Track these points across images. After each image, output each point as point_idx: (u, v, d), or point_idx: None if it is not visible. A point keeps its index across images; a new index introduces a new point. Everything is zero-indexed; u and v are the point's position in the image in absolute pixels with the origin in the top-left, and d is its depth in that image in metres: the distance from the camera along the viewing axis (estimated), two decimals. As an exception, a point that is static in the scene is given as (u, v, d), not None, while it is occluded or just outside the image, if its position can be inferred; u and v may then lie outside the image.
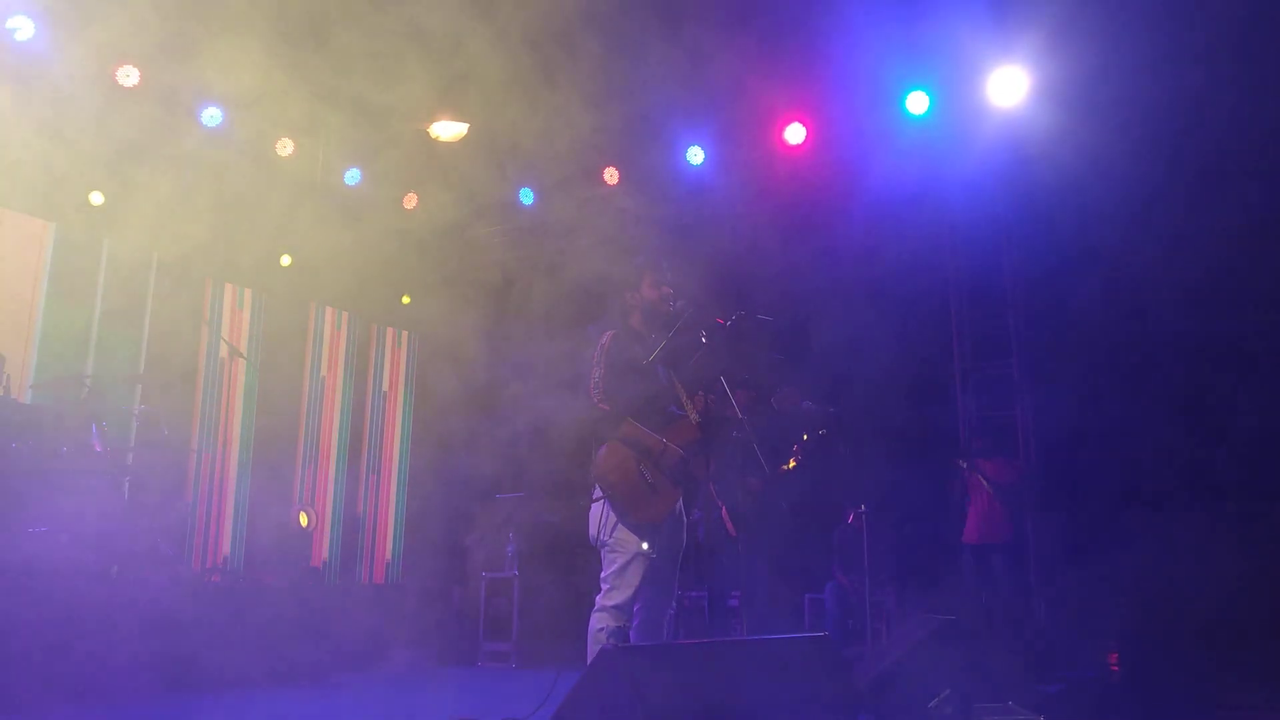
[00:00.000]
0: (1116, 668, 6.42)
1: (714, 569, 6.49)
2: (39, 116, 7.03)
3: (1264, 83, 6.55)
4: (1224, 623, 6.07)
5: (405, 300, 10.58)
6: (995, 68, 7.20)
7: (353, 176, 9.13)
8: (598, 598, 3.96)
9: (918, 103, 7.60)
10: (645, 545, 3.91)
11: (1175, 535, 6.71)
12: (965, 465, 7.53)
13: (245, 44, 6.86)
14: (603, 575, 3.97)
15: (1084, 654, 6.53)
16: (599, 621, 3.89)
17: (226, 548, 8.74)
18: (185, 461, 8.32)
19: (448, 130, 8.28)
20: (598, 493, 4.02)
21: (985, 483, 7.42)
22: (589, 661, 3.50)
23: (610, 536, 3.96)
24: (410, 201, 9.55)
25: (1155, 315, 7.08)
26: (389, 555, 10.25)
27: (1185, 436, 6.94)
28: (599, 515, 4.03)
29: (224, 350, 8.66)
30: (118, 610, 5.49)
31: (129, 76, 7.39)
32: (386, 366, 10.73)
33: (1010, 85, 7.18)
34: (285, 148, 8.53)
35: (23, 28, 6.69)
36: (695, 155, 8.53)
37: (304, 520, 7.70)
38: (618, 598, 3.89)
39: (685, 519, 4.19)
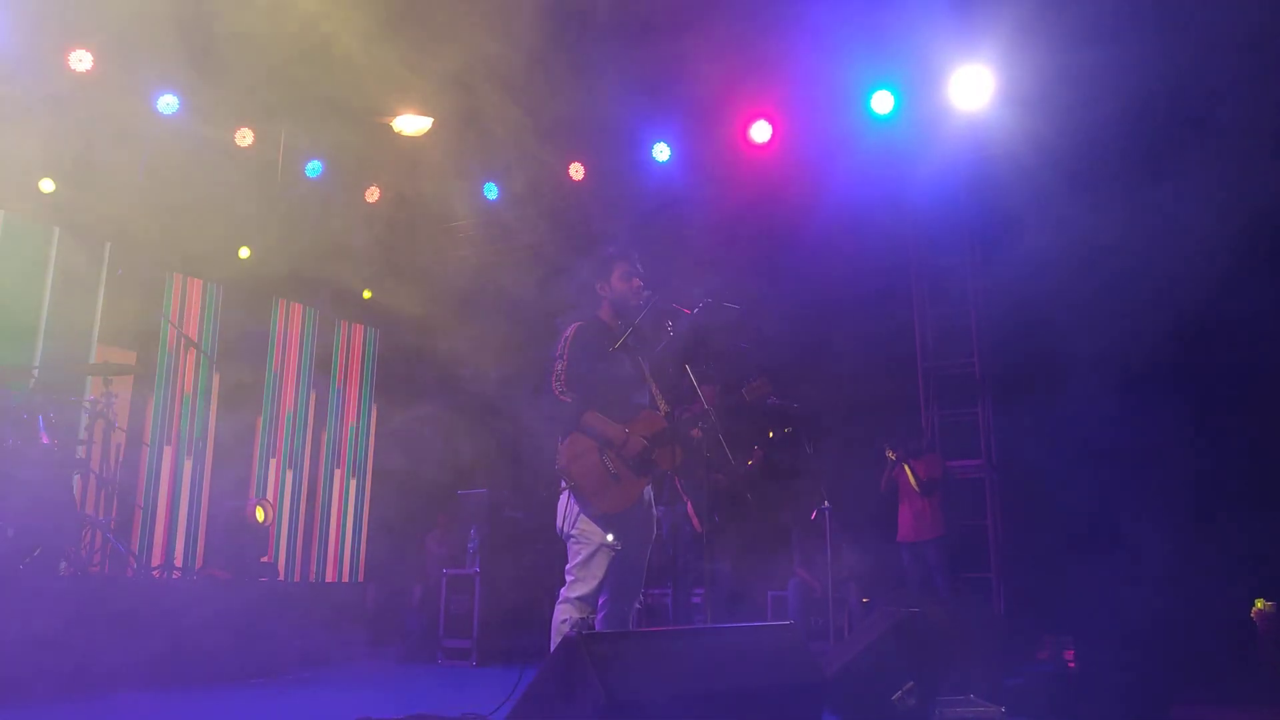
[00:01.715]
0: (1073, 664, 6.49)
1: (678, 565, 6.47)
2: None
3: (1228, 84, 6.67)
4: (1180, 618, 6.15)
5: (366, 295, 10.47)
6: (960, 68, 7.26)
7: (314, 169, 9.00)
8: (562, 590, 3.91)
9: (883, 102, 7.64)
10: (610, 537, 3.87)
11: (1133, 532, 6.80)
12: (895, 456, 7.56)
13: (204, 30, 6.74)
14: (567, 567, 3.93)
15: (1041, 649, 6.60)
16: (563, 613, 3.85)
17: (180, 543, 8.56)
18: (138, 455, 8.14)
19: (411, 124, 8.20)
20: (565, 483, 3.98)
21: (914, 482, 7.49)
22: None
23: (574, 528, 3.93)
24: (372, 195, 9.44)
25: (1117, 314, 7.18)
26: (348, 551, 10.11)
27: (1144, 435, 7.05)
28: (564, 506, 4.00)
29: (180, 343, 8.49)
30: (65, 608, 5.32)
31: (82, 61, 7.21)
32: (347, 361, 10.59)
33: (975, 86, 7.24)
34: (245, 138, 8.37)
35: (-29, 9, 6.50)
36: (661, 151, 8.51)
37: (261, 515, 7.55)
38: (582, 589, 3.84)
39: (654, 512, 4.16)
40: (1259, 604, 6.01)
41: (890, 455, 7.62)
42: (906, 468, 7.56)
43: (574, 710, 2.73)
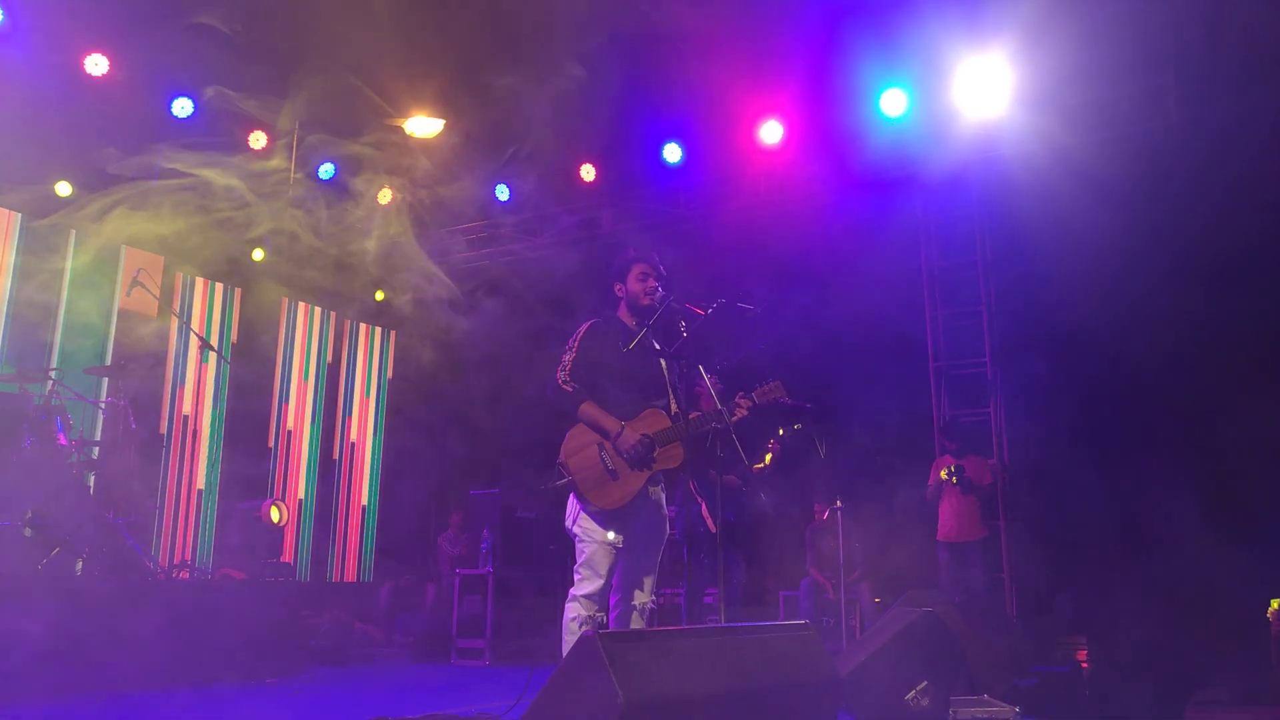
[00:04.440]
0: (1086, 664, 6.48)
1: (691, 566, 6.48)
2: (4, 105, 6.91)
3: (1237, 83, 6.65)
4: (1194, 619, 6.14)
5: (379, 296, 10.51)
6: (973, 69, 7.25)
7: (327, 171, 9.04)
8: (570, 589, 3.93)
9: (895, 103, 7.64)
10: (611, 535, 3.88)
11: (1146, 533, 6.79)
12: (954, 478, 7.34)
13: (219, 34, 6.79)
14: (575, 565, 3.95)
15: (1054, 649, 6.59)
16: (571, 611, 3.87)
17: (196, 543, 8.62)
18: (154, 456, 8.19)
19: (423, 127, 8.24)
20: (562, 476, 3.99)
21: (969, 486, 7.37)
22: (565, 651, 3.47)
23: (576, 525, 3.95)
24: (385, 196, 9.48)
25: (1128, 315, 7.17)
26: (362, 551, 10.16)
27: (1155, 434, 7.03)
28: (571, 504, 4.03)
29: (194, 344, 8.55)
30: (81, 607, 5.36)
31: (98, 65, 7.27)
32: (360, 362, 10.64)
33: (988, 86, 7.23)
34: (258, 140, 8.43)
35: (-8, 14, 6.56)
36: (672, 152, 8.54)
37: (275, 515, 7.59)
38: (588, 587, 3.87)
39: (666, 511, 4.16)
40: (1275, 604, 5.98)
41: (951, 479, 7.42)
42: (947, 470, 7.45)
43: (590, 709, 2.74)
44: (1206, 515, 6.61)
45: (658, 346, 4.18)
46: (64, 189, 7.81)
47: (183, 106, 7.83)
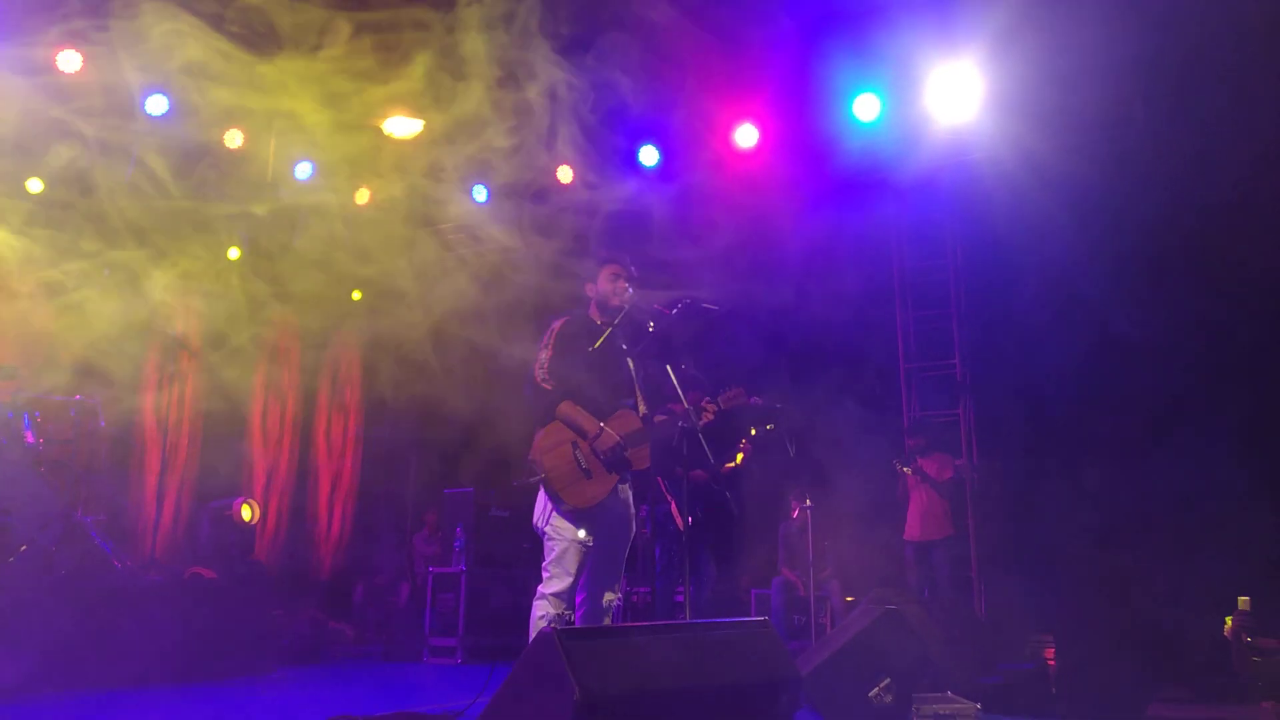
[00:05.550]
0: (1053, 662, 6.55)
1: (660, 564, 6.52)
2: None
3: (1202, 89, 6.75)
4: (1157, 618, 6.21)
5: (356, 296, 10.49)
6: (944, 76, 7.33)
7: (304, 170, 9.02)
8: (539, 586, 3.97)
9: (868, 108, 7.70)
10: (582, 533, 3.93)
11: (1112, 532, 6.88)
12: (907, 469, 7.56)
13: (194, 29, 6.77)
14: (543, 564, 3.99)
15: (1021, 647, 6.66)
16: (539, 609, 3.91)
17: (168, 541, 8.57)
18: (127, 454, 8.15)
19: (402, 127, 8.23)
20: (535, 473, 4.03)
21: (926, 481, 7.51)
22: (529, 648, 3.50)
23: (548, 524, 3.98)
24: (362, 197, 9.47)
25: (1094, 318, 7.25)
26: (335, 550, 10.13)
27: (1122, 436, 7.12)
28: (540, 503, 4.06)
29: (169, 343, 8.50)
30: (50, 606, 5.34)
31: (70, 62, 7.23)
32: (336, 362, 10.61)
33: (959, 91, 7.31)
34: (235, 139, 8.39)
35: (-41, 8, 6.52)
36: (648, 155, 8.57)
37: (248, 513, 7.56)
38: (557, 586, 3.91)
39: (633, 510, 4.20)
40: (1230, 620, 6.04)
41: (904, 470, 7.55)
42: (919, 473, 7.53)
43: (548, 705, 2.76)
44: (1174, 515, 6.71)
45: (624, 346, 4.23)
46: (35, 185, 7.76)
47: (158, 104, 7.78)
